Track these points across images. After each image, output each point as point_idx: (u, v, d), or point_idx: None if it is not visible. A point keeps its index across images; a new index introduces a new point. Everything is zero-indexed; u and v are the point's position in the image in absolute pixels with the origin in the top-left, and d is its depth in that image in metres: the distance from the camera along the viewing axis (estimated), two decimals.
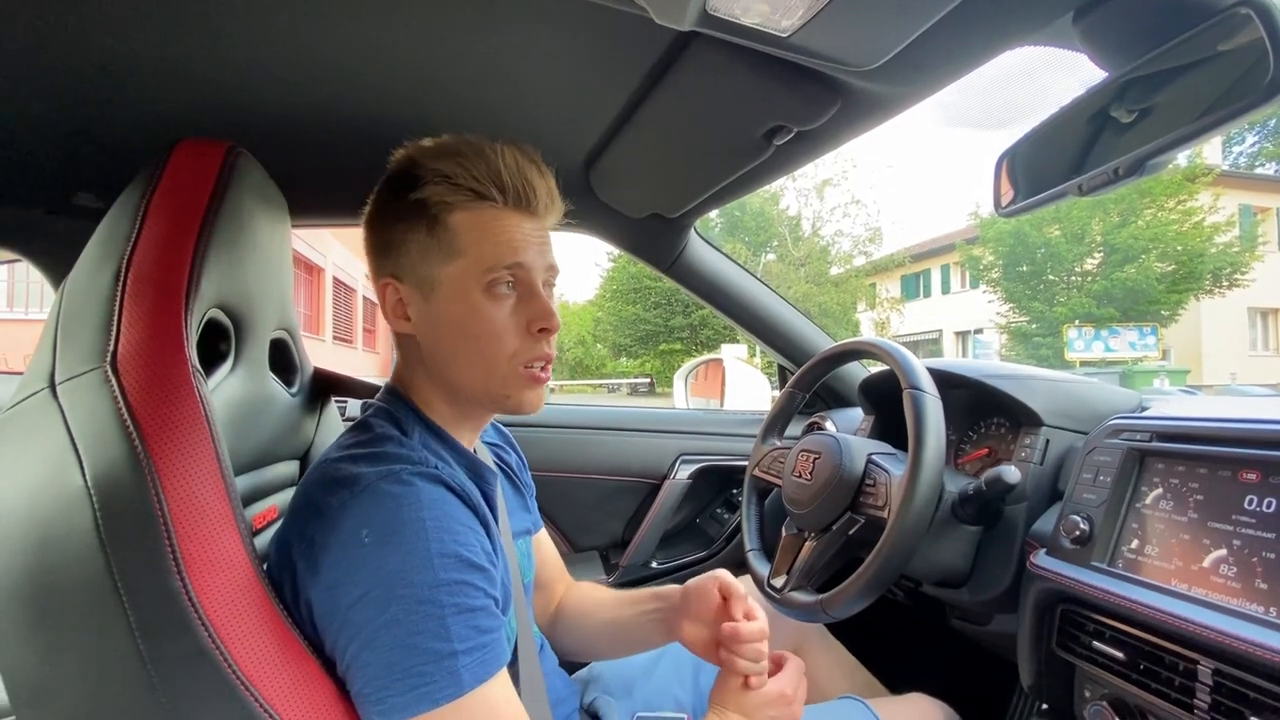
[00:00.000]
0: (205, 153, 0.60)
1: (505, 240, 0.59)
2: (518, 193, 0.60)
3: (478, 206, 0.59)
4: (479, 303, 0.59)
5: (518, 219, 0.61)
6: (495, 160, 0.59)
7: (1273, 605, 0.54)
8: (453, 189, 0.59)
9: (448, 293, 0.60)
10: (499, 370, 0.60)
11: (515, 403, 0.62)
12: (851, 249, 20.28)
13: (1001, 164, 0.73)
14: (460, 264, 0.59)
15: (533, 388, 0.62)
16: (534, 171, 0.61)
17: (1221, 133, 0.52)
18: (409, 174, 0.60)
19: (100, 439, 0.44)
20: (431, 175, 0.59)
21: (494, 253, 0.59)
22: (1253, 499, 0.59)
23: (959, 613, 0.95)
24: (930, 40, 0.58)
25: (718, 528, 1.48)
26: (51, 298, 0.68)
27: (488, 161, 0.59)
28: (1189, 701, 0.58)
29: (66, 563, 0.43)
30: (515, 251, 0.60)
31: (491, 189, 0.59)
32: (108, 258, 0.52)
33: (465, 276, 0.59)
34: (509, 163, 0.60)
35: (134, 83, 0.72)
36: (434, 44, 0.69)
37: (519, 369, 0.61)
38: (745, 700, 0.65)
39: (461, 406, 0.64)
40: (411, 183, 0.60)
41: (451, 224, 0.59)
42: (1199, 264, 12.04)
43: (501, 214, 0.60)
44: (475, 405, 0.64)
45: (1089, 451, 0.75)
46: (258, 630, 0.46)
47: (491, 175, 0.59)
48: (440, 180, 0.59)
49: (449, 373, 0.62)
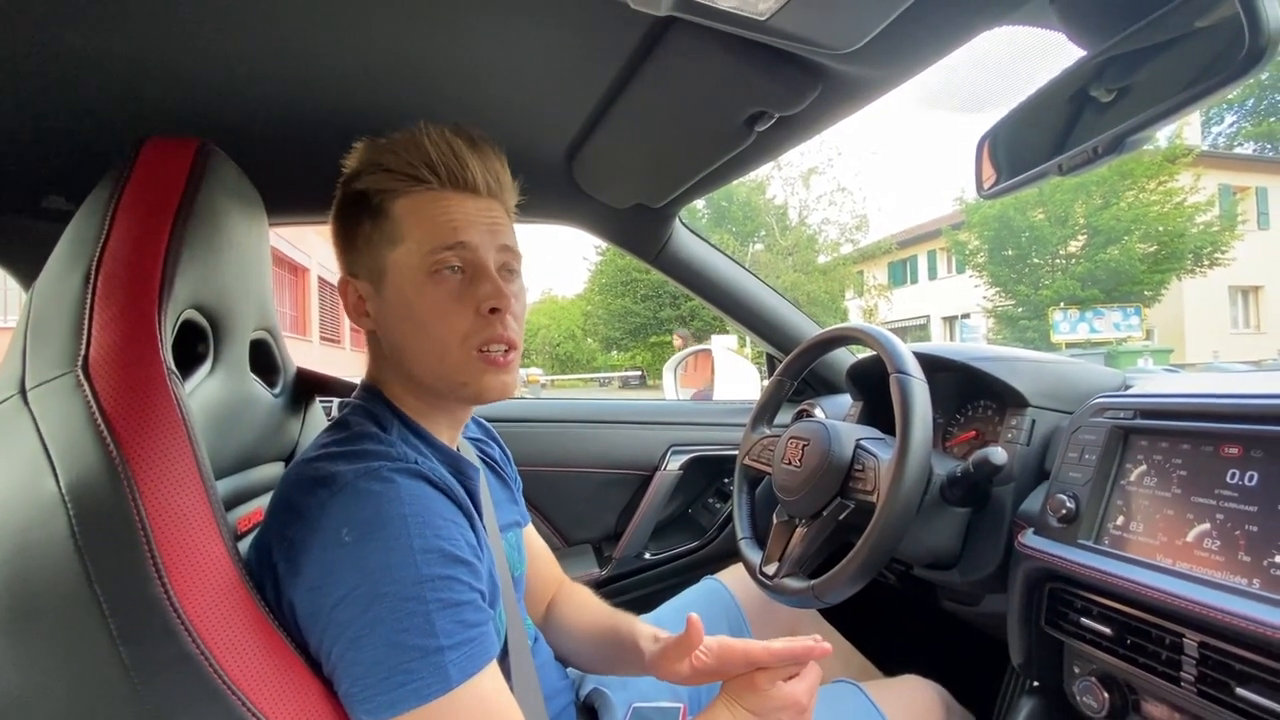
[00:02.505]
0: (175, 150, 0.59)
1: (445, 220, 0.59)
2: (450, 171, 0.59)
3: (415, 190, 0.59)
4: (424, 286, 0.58)
5: (459, 199, 0.60)
6: (423, 141, 0.59)
7: (1256, 577, 0.55)
8: (387, 175, 0.59)
9: (394, 281, 0.59)
10: (451, 356, 0.59)
11: (475, 390, 0.60)
12: (838, 237, 20.38)
13: (983, 145, 0.73)
14: (403, 250, 0.59)
15: (492, 373, 0.60)
16: (467, 149, 0.60)
17: (1198, 109, 0.52)
18: (351, 170, 0.61)
19: (73, 445, 0.44)
20: (368, 166, 0.60)
21: (434, 234, 0.58)
22: (1234, 473, 0.60)
23: (950, 594, 0.96)
24: (908, 22, 0.57)
25: (710, 517, 1.49)
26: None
27: (416, 144, 0.59)
28: (1175, 674, 0.59)
29: (44, 572, 0.42)
30: (456, 231, 0.59)
31: (423, 170, 0.59)
32: (76, 260, 0.51)
33: (409, 262, 0.59)
34: (436, 142, 0.59)
35: (102, 81, 0.71)
36: (409, 37, 0.67)
37: (472, 354, 0.59)
38: (759, 700, 0.63)
39: (429, 400, 0.64)
40: (352, 176, 0.61)
41: (394, 212, 0.59)
42: (1180, 244, 12.18)
43: (440, 196, 0.60)
44: (439, 397, 0.63)
45: (1074, 431, 0.75)
46: (243, 633, 0.46)
47: (421, 157, 0.59)
48: (375, 169, 0.59)
49: (407, 364, 0.61)
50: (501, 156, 0.64)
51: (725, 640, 0.68)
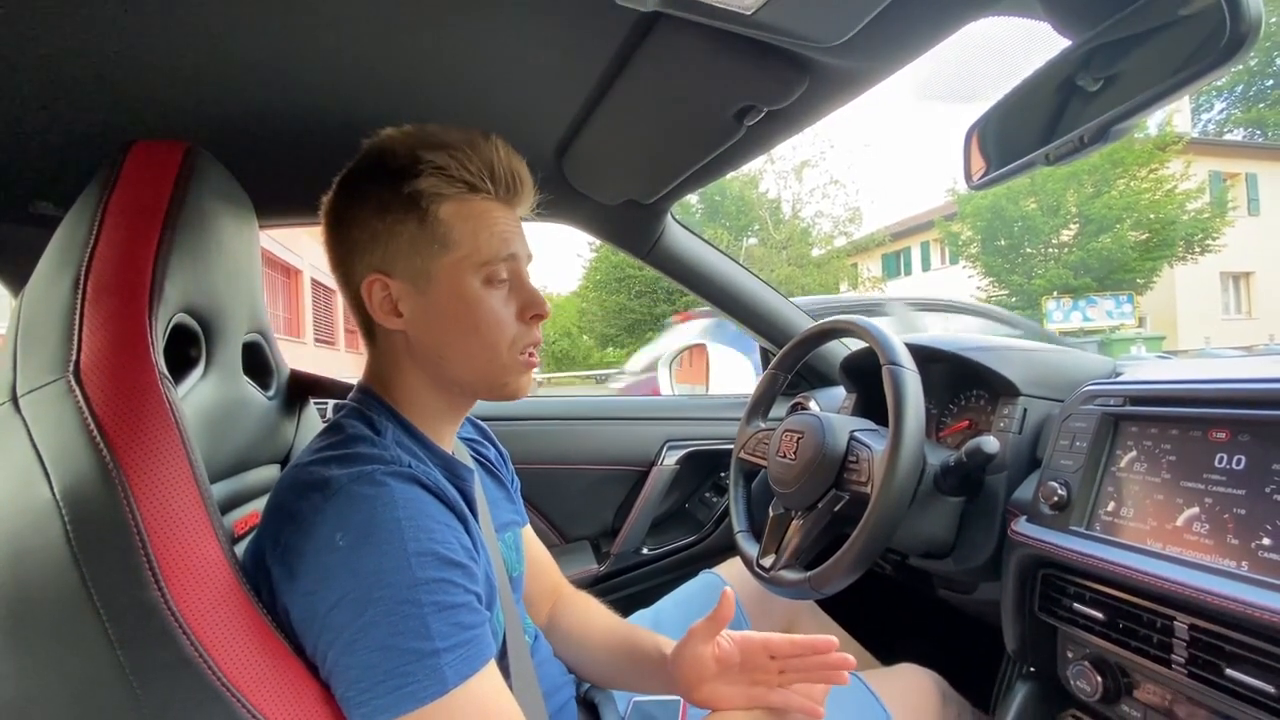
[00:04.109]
0: (162, 154, 0.59)
1: (499, 232, 0.61)
2: (508, 185, 0.61)
3: (469, 198, 0.60)
4: (480, 294, 0.60)
5: (504, 210, 0.62)
6: (489, 153, 0.60)
7: (1244, 560, 0.56)
8: (447, 181, 0.59)
9: (446, 285, 0.60)
10: (501, 359, 0.62)
11: (513, 389, 0.64)
12: (832, 230, 20.37)
13: (971, 136, 0.73)
14: (455, 256, 0.59)
15: (526, 373, 0.64)
16: (519, 163, 0.63)
17: (1184, 97, 0.53)
18: (396, 166, 0.59)
19: (67, 451, 0.43)
20: (425, 167, 0.58)
21: (490, 245, 0.60)
22: (1222, 457, 0.60)
23: (945, 583, 0.96)
24: (894, 14, 0.58)
25: (707, 511, 1.49)
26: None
27: (480, 154, 0.60)
28: (1167, 657, 0.60)
29: (40, 578, 0.42)
30: (508, 243, 0.61)
31: (486, 181, 0.60)
32: (65, 265, 0.50)
33: (462, 269, 0.59)
34: (501, 155, 0.61)
35: (89, 85, 0.70)
36: (395, 37, 0.67)
37: (517, 356, 0.62)
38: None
39: (450, 399, 0.64)
40: (399, 175, 0.58)
41: (443, 216, 0.59)
42: (1172, 231, 12.22)
43: (491, 206, 0.61)
44: (468, 396, 0.65)
45: (1065, 419, 0.76)
46: (240, 636, 0.46)
47: (486, 167, 0.60)
48: (434, 172, 0.58)
49: (445, 365, 0.62)
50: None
51: (744, 633, 0.71)
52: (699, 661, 0.69)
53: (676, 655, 0.71)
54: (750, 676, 0.71)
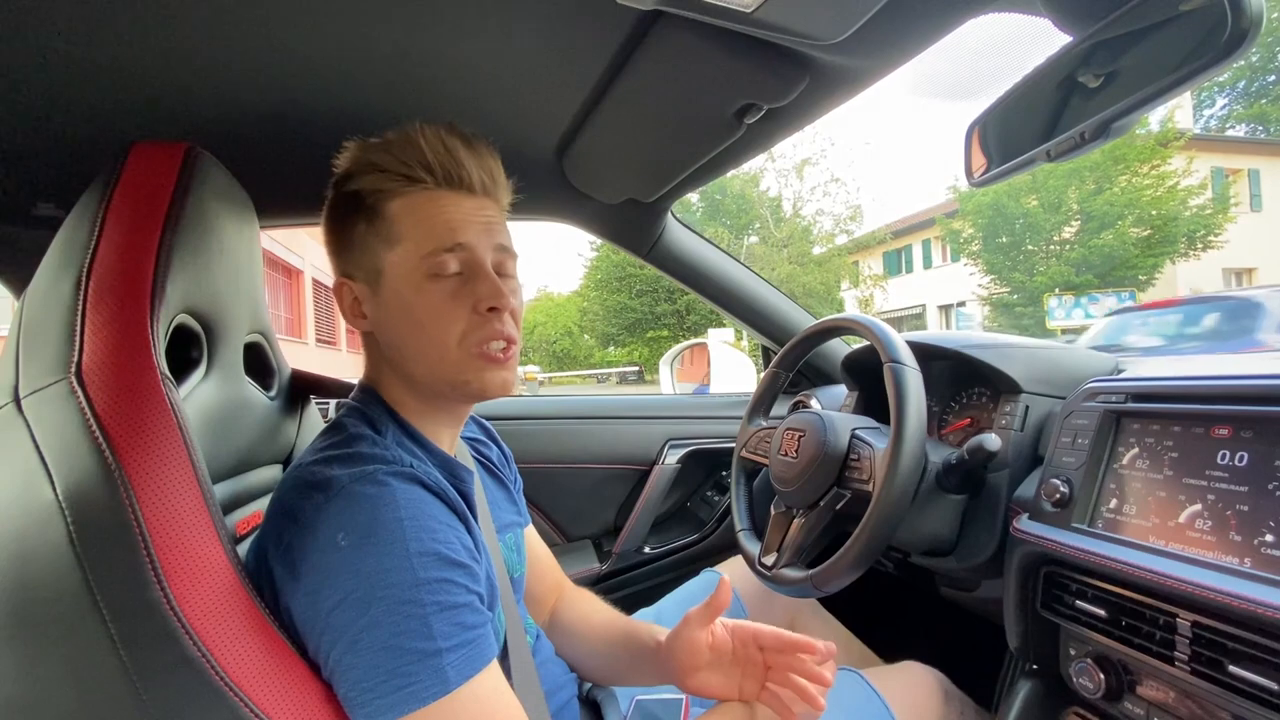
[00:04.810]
0: (163, 155, 0.59)
1: (442, 221, 0.59)
2: (446, 171, 0.59)
3: (411, 191, 0.59)
4: (422, 287, 0.58)
5: (455, 199, 0.60)
6: (418, 140, 0.58)
7: (1247, 556, 0.55)
8: (382, 175, 0.59)
9: (392, 282, 0.59)
10: (450, 355, 0.59)
11: (478, 387, 0.60)
12: (833, 228, 20.36)
13: (972, 133, 0.73)
14: (400, 251, 0.58)
15: (492, 369, 0.60)
16: (462, 148, 0.60)
17: (1185, 93, 0.53)
18: (343, 170, 0.61)
19: (69, 452, 0.44)
20: (362, 166, 0.59)
21: (431, 235, 0.58)
22: (1225, 454, 0.60)
23: (947, 580, 0.96)
24: (894, 11, 0.57)
25: (709, 510, 1.49)
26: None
27: (411, 143, 0.58)
28: (1169, 654, 0.59)
29: (43, 578, 0.42)
30: (453, 232, 0.59)
31: (419, 170, 0.58)
32: (67, 267, 0.51)
33: (407, 263, 0.58)
34: (432, 141, 0.58)
35: (90, 87, 0.70)
36: (396, 37, 0.67)
37: (471, 352, 0.59)
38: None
39: (429, 400, 0.63)
40: (345, 177, 0.60)
41: (389, 212, 0.59)
42: (1173, 227, 12.18)
43: (436, 196, 0.59)
44: (439, 397, 0.63)
45: (1066, 416, 0.76)
46: (243, 635, 0.46)
47: (417, 156, 0.58)
48: (369, 170, 0.59)
49: (406, 365, 0.61)
50: (496, 155, 0.64)
51: (738, 622, 0.71)
52: (694, 647, 0.69)
53: (671, 640, 0.71)
54: (742, 668, 0.71)
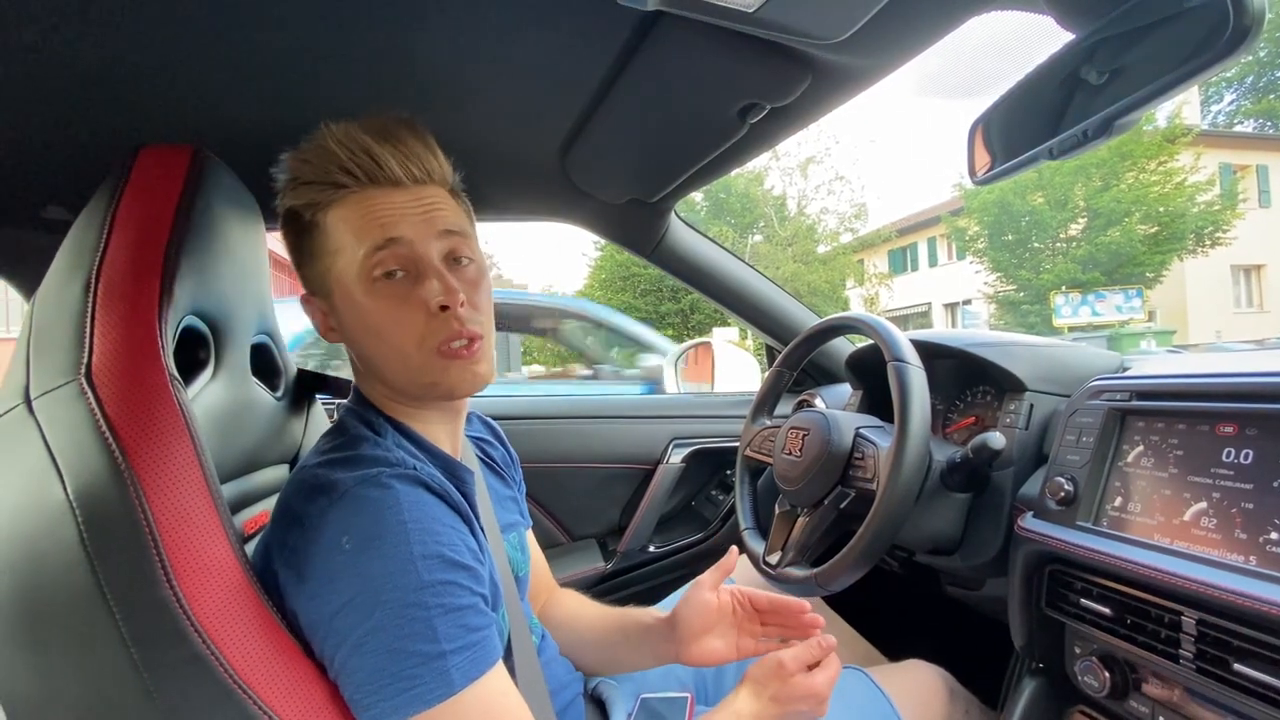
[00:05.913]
0: (170, 158, 0.59)
1: (371, 220, 0.56)
2: (366, 170, 0.56)
3: (339, 197, 0.56)
4: (371, 292, 0.56)
5: (384, 195, 0.56)
6: (329, 145, 0.55)
7: (1252, 554, 0.55)
8: (307, 188, 0.57)
9: (341, 293, 0.58)
10: (412, 360, 0.57)
11: (446, 387, 0.58)
12: (838, 226, 20.26)
13: (975, 131, 0.73)
14: (343, 260, 0.56)
15: (457, 367, 0.58)
16: (376, 142, 0.56)
17: (1189, 89, 0.52)
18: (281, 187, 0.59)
19: (80, 452, 0.44)
20: (288, 183, 0.58)
21: (363, 236, 0.55)
22: (1230, 451, 0.60)
23: (952, 579, 0.96)
24: (896, 9, 0.57)
25: (713, 509, 1.49)
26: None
27: (325, 150, 0.55)
28: (1175, 652, 0.59)
29: (54, 578, 0.43)
30: (384, 228, 0.55)
31: (339, 174, 0.55)
32: (76, 269, 0.51)
33: (349, 271, 0.56)
34: (343, 142, 0.55)
35: (97, 91, 0.71)
36: (399, 39, 0.67)
37: (432, 354, 0.56)
38: (784, 688, 0.63)
39: (412, 402, 0.62)
40: (279, 196, 0.60)
41: (325, 223, 0.57)
42: (1181, 224, 12.10)
43: (364, 196, 0.56)
44: (417, 399, 0.62)
45: (1071, 414, 0.76)
46: (252, 633, 0.47)
47: (333, 161, 0.55)
48: (295, 185, 0.57)
49: (379, 372, 0.60)
50: (424, 136, 0.60)
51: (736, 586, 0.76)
52: (705, 608, 0.72)
53: (681, 607, 0.74)
54: (739, 628, 0.74)
